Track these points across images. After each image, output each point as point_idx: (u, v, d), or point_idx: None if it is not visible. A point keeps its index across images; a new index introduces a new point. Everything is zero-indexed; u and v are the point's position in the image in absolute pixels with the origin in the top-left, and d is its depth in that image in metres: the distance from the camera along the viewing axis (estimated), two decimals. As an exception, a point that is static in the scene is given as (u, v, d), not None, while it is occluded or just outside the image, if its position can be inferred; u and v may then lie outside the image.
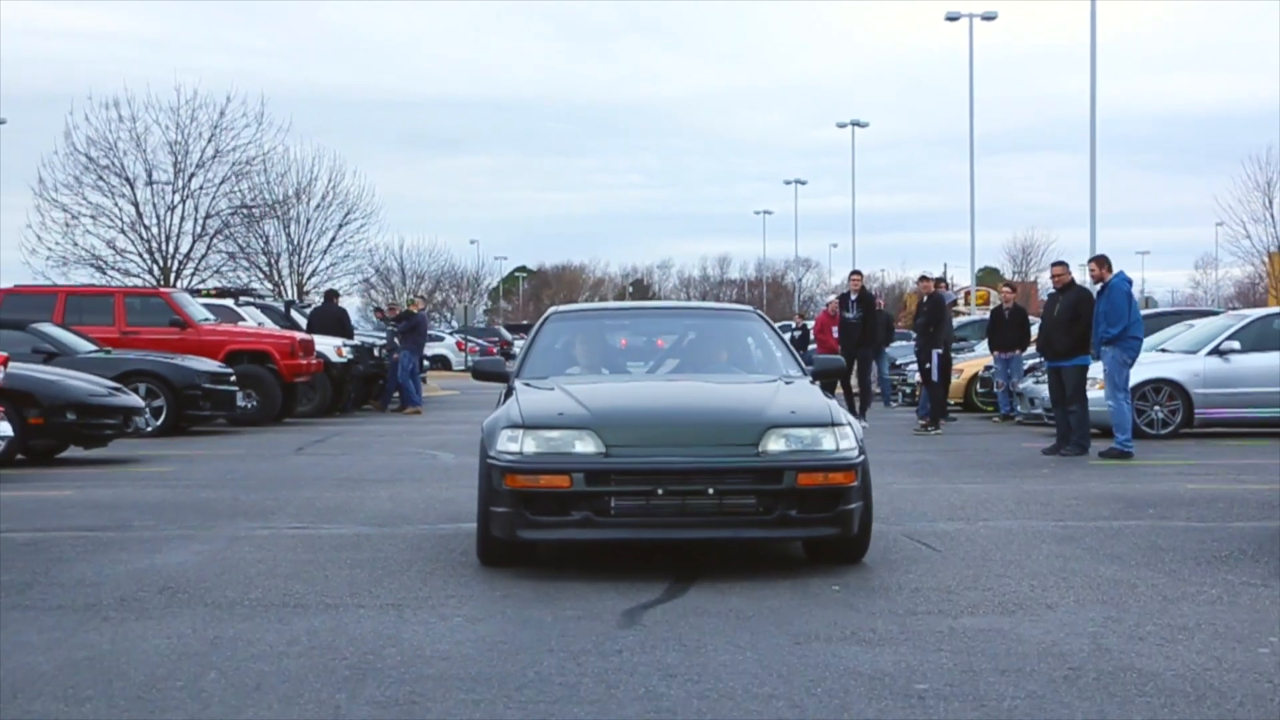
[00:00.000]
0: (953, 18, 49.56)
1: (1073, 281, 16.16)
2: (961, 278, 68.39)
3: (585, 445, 7.43)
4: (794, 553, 8.32)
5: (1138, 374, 17.35)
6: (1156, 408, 17.73)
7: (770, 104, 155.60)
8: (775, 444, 7.47)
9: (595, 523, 7.35)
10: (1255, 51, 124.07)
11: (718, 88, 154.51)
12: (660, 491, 7.32)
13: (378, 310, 42.53)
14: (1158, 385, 17.76)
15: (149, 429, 17.17)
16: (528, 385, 8.45)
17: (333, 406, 24.67)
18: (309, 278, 45.41)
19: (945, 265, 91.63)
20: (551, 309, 10.12)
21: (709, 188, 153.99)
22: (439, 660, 5.64)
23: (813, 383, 8.69)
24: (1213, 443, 16.91)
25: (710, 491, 7.34)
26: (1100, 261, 15.38)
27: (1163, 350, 18.67)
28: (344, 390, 25.24)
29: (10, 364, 14.43)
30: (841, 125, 69.80)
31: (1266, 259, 53.26)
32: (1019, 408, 20.58)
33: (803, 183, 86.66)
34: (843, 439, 7.57)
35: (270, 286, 41.92)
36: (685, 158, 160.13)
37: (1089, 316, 15.24)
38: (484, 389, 40.08)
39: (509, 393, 8.49)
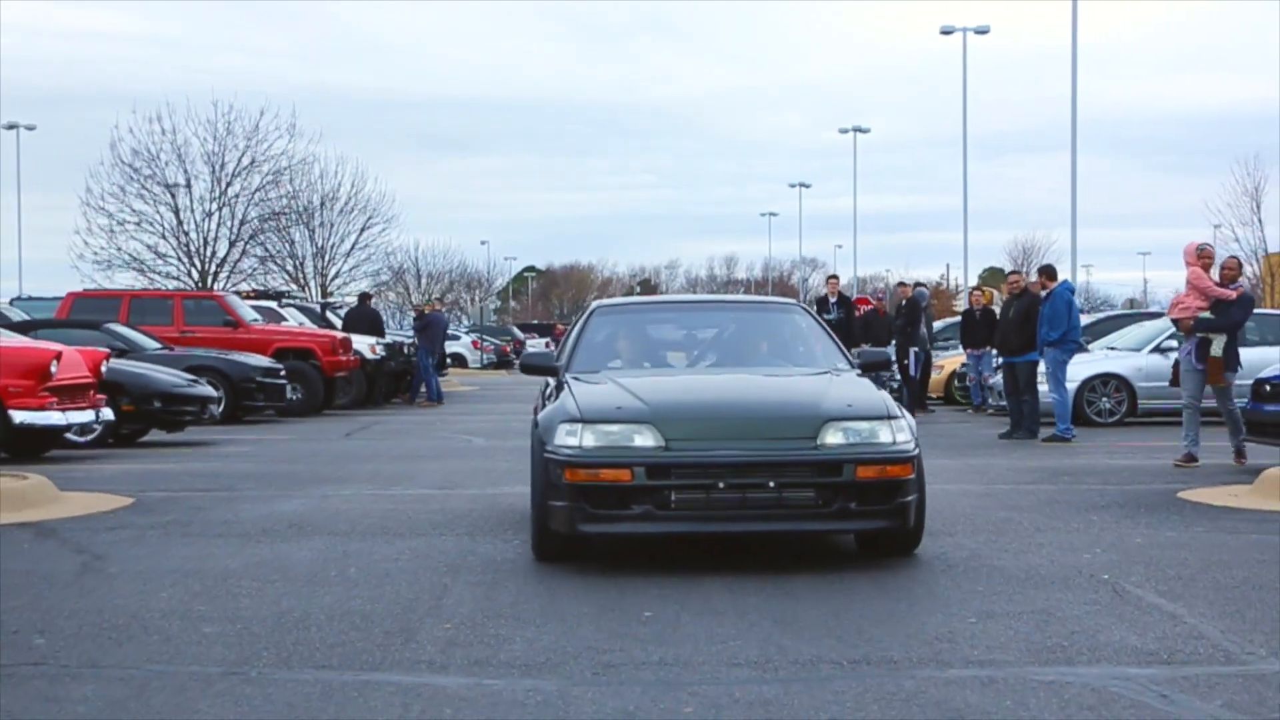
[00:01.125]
0: (947, 31, 51.93)
1: (1026, 288, 18.54)
2: (961, 278, 70.44)
3: (645, 439, 7.49)
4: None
5: (1088, 369, 19.86)
6: (1104, 399, 20.07)
7: (784, 105, 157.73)
8: (833, 437, 7.54)
9: (656, 516, 7.41)
10: (1264, 52, 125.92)
11: (731, 89, 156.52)
12: (721, 485, 7.40)
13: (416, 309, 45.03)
14: (1105, 379, 20.11)
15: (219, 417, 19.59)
16: (578, 379, 8.47)
17: (366, 399, 27.06)
18: (332, 279, 47.85)
19: (948, 266, 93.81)
20: (596, 303, 10.23)
21: (720, 189, 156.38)
22: (509, 564, 8.01)
23: (861, 375, 8.74)
24: (1151, 430, 19.24)
25: (770, 485, 7.41)
26: (1045, 272, 17.80)
27: (1111, 348, 21.06)
28: (377, 385, 27.65)
29: (105, 359, 16.80)
30: (844, 131, 72.21)
31: (1259, 260, 55.44)
32: (990, 400, 22.90)
33: (807, 186, 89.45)
34: (899, 431, 7.65)
35: (296, 288, 44.32)
36: (697, 159, 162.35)
37: (1034, 321, 17.63)
38: (500, 384, 42.55)
39: (559, 387, 8.47)
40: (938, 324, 29.18)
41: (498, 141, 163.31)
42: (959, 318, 26.92)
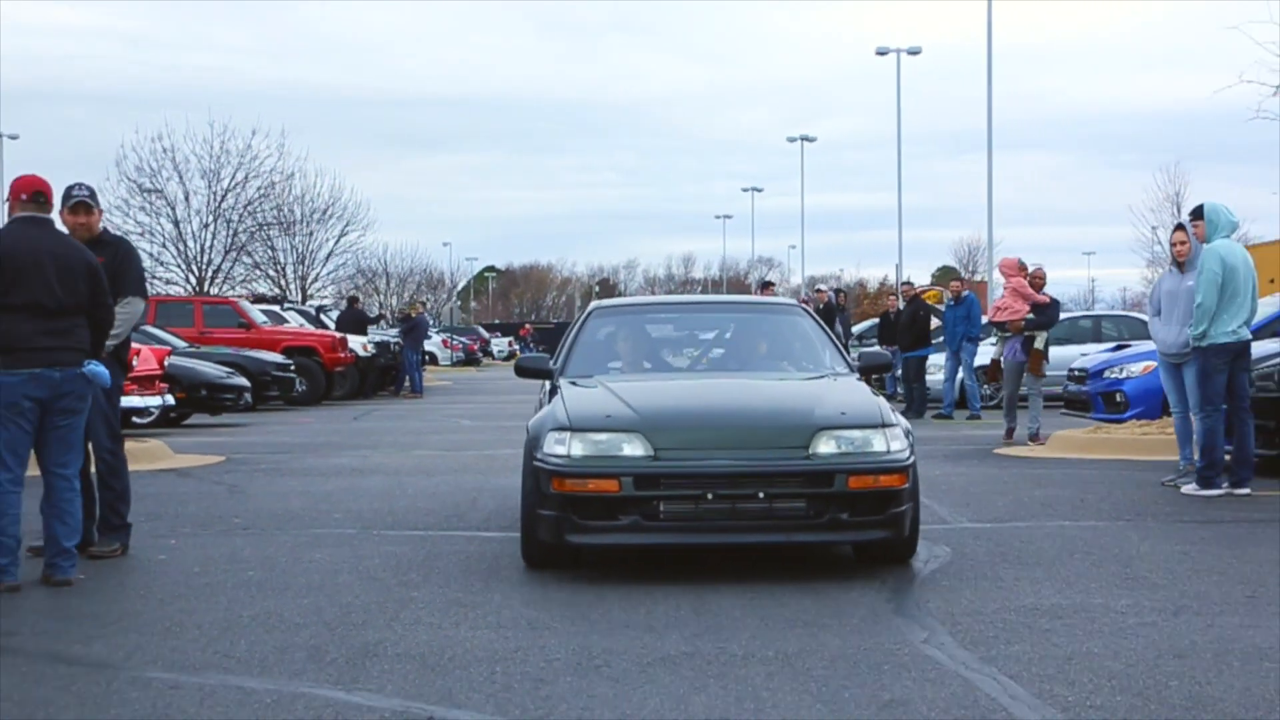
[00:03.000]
0: (882, 52, 55.85)
1: (916, 295, 22.69)
2: (900, 274, 74.22)
3: (634, 448, 7.35)
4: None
5: (977, 360, 23.97)
6: (986, 386, 24.16)
7: (749, 103, 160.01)
8: (826, 446, 7.37)
9: (644, 527, 7.28)
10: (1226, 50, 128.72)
11: (700, 86, 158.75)
12: (710, 496, 7.26)
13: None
14: (976, 371, 24.24)
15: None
16: (572, 384, 8.40)
17: (359, 391, 30.91)
18: (312, 283, 51.59)
19: (896, 266, 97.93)
20: (593, 303, 10.16)
21: (683, 186, 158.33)
22: (515, 490, 11.98)
23: (860, 379, 8.64)
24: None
25: (760, 495, 7.26)
26: (960, 280, 22.07)
27: (991, 343, 25.18)
28: (368, 378, 31.52)
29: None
30: (792, 139, 76.16)
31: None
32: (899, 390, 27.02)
33: (759, 190, 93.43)
34: (893, 440, 7.47)
35: (278, 291, 48.09)
36: (664, 156, 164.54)
37: (925, 321, 21.81)
38: (471, 379, 46.80)
39: (553, 391, 8.42)
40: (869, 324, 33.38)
41: (464, 139, 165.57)
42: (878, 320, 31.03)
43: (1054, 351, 18.08)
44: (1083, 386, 16.94)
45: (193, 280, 41.97)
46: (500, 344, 73.83)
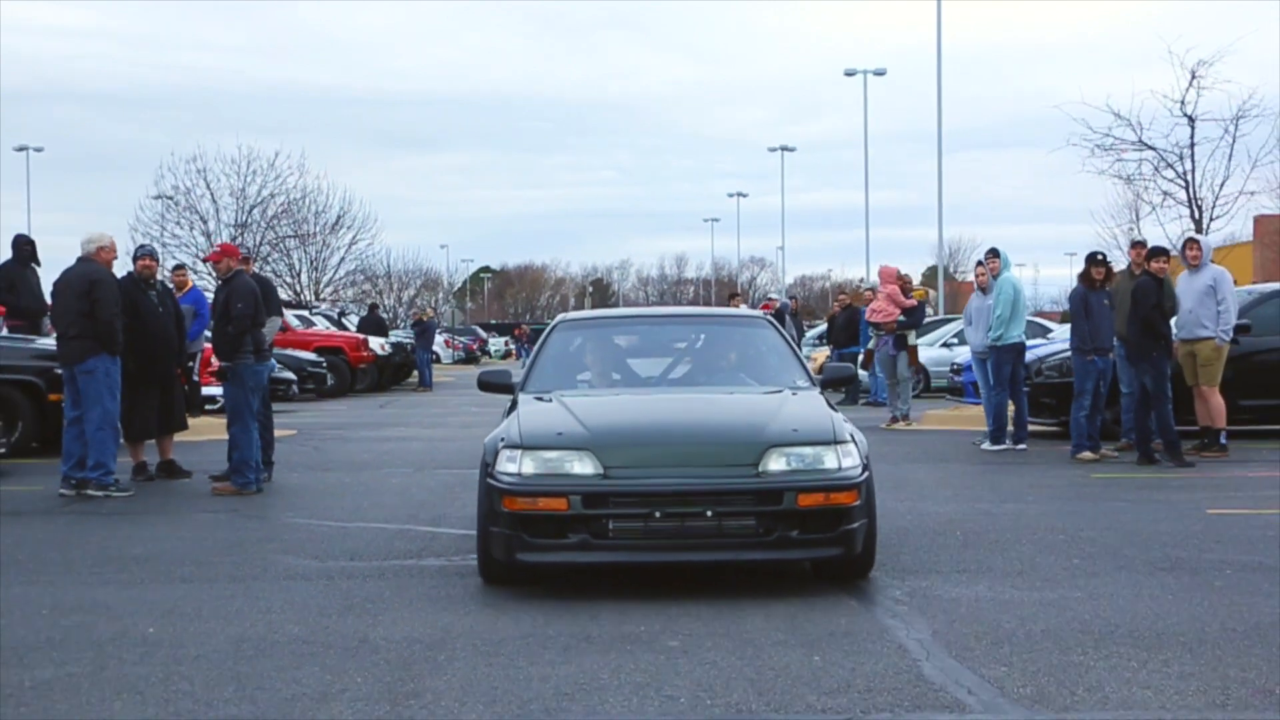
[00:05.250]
0: (850, 73, 60.33)
1: (850, 304, 27.40)
2: (869, 274, 78.42)
3: (584, 466, 7.31)
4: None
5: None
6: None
7: (746, 101, 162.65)
8: (776, 463, 7.33)
9: (593, 545, 7.24)
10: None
11: (694, 85, 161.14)
12: (658, 514, 7.20)
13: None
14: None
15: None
16: (531, 399, 8.42)
17: (378, 385, 35.61)
18: (325, 287, 56.28)
19: (885, 266, 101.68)
20: (559, 316, 10.19)
21: (678, 185, 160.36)
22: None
23: (820, 392, 8.63)
24: (930, 400, 28.03)
25: (709, 514, 7.21)
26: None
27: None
28: (385, 374, 36.24)
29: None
30: (772, 149, 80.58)
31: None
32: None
33: (744, 195, 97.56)
34: (845, 456, 7.43)
35: (293, 296, 52.78)
36: (657, 155, 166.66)
37: (857, 324, 26.51)
38: (473, 375, 51.16)
39: (513, 405, 8.46)
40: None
41: (459, 138, 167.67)
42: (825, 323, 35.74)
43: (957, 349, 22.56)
44: (958, 377, 21.64)
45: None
46: (497, 343, 78.49)
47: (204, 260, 13.14)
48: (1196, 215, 32.56)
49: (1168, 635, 6.46)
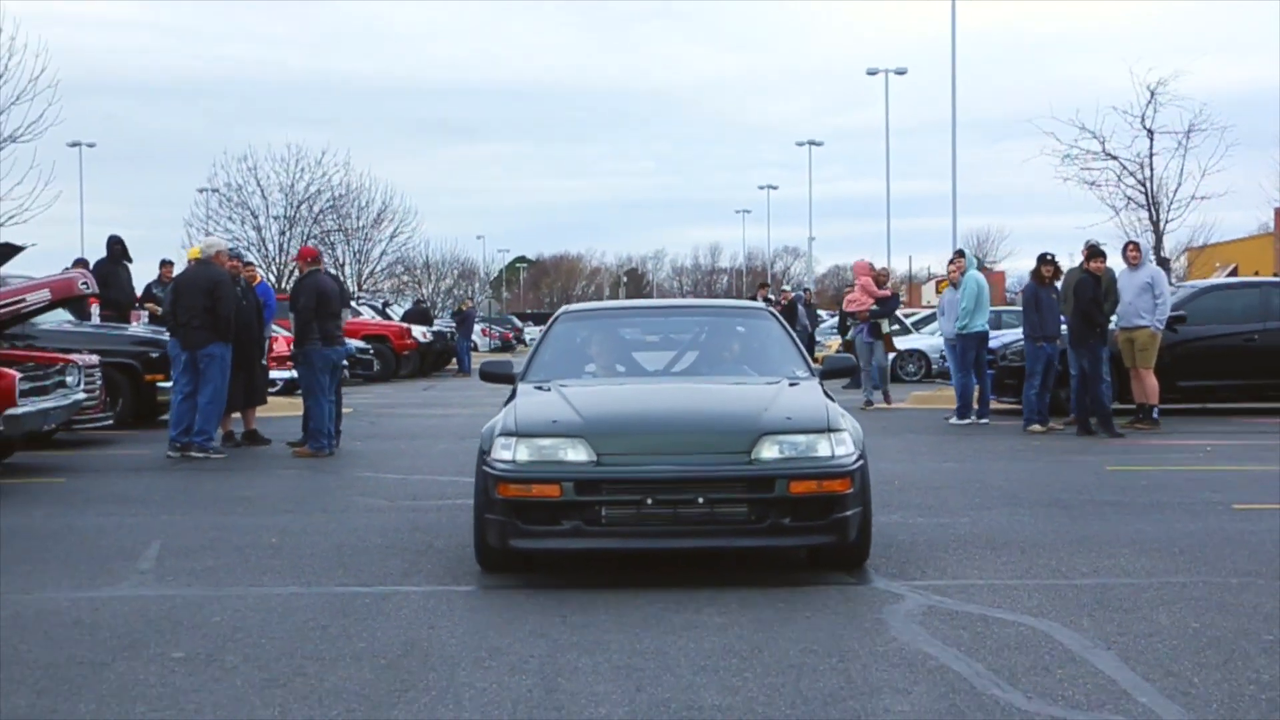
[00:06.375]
0: (872, 72, 62.56)
1: (794, 301, 29.71)
2: (933, 267, 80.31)
3: (577, 454, 7.43)
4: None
5: (901, 345, 31.00)
6: (910, 365, 31.22)
7: (787, 90, 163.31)
8: (768, 451, 7.42)
9: (586, 532, 7.37)
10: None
11: (735, 74, 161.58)
12: (650, 501, 7.30)
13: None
14: (911, 353, 31.26)
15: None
16: (531, 389, 8.58)
17: (420, 371, 38.16)
18: (366, 278, 58.91)
19: (910, 257, 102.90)
20: (562, 308, 10.29)
21: (718, 175, 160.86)
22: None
23: (820, 383, 8.73)
24: (931, 384, 30.36)
25: (701, 501, 7.30)
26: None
27: (920, 333, 32.29)
28: (427, 360, 38.80)
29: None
30: (800, 144, 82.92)
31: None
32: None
33: (774, 188, 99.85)
34: (839, 445, 7.52)
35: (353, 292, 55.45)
36: (697, 145, 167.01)
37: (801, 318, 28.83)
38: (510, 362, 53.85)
39: (512, 395, 8.61)
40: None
41: (500, 129, 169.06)
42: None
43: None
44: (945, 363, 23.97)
45: (272, 278, 49.25)
46: (532, 332, 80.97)
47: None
48: (1155, 218, 35.20)
49: (1014, 542, 8.87)
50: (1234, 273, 56.91)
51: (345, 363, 16.31)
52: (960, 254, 18.67)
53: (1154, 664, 5.84)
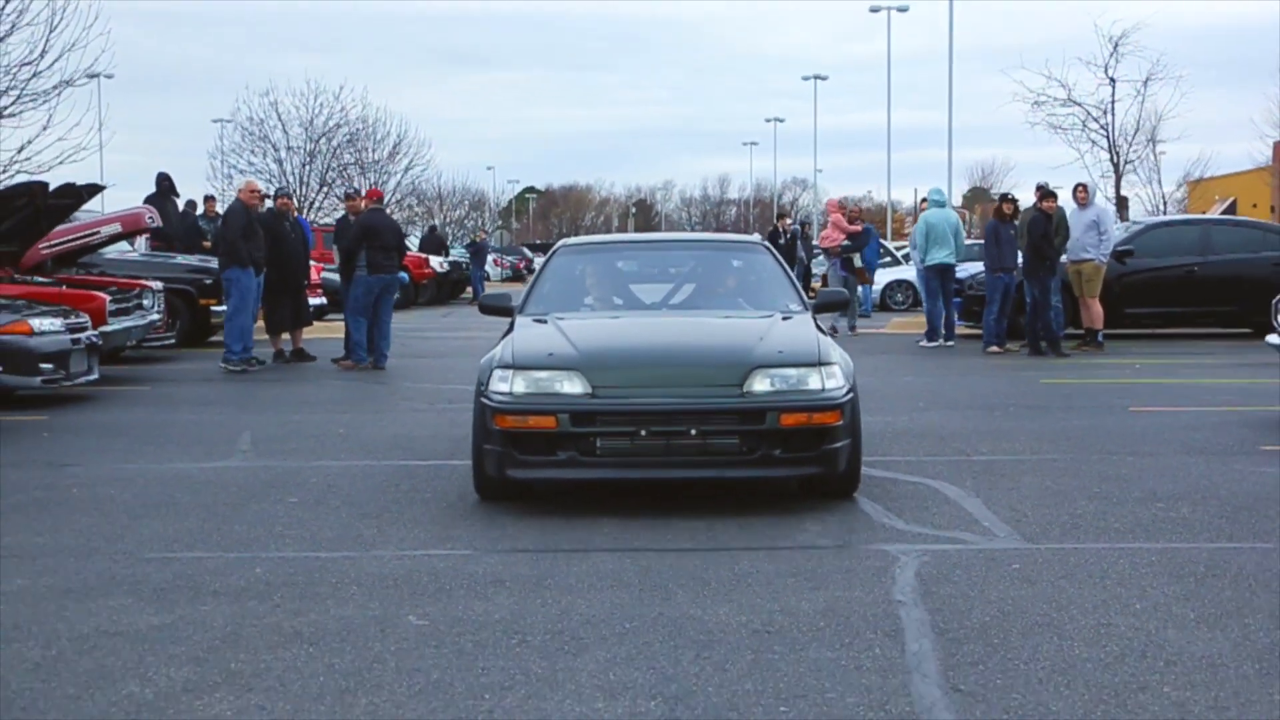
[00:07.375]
0: (875, 10, 64.09)
1: (793, 234, 31.70)
2: (890, 197, 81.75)
3: (572, 386, 7.60)
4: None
5: (889, 276, 33.11)
6: (899, 295, 33.27)
7: (804, 17, 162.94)
8: (760, 384, 7.60)
9: (580, 462, 7.54)
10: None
11: (746, 3, 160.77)
12: (644, 433, 7.47)
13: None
14: (899, 283, 33.31)
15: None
16: (529, 321, 8.77)
17: (436, 299, 40.33)
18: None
19: (915, 190, 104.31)
20: (560, 242, 10.39)
21: (731, 105, 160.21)
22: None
23: (812, 316, 8.87)
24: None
25: (693, 432, 7.47)
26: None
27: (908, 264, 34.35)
28: (443, 289, 40.97)
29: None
30: (806, 78, 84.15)
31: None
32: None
33: (781, 120, 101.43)
34: (829, 378, 7.72)
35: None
36: (711, 75, 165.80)
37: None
38: (520, 291, 56.01)
39: (510, 327, 8.76)
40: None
41: (513, 56, 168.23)
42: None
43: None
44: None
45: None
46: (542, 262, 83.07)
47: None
48: (1115, 160, 37.66)
49: (935, 433, 11.03)
50: (1232, 205, 58.79)
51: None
52: (925, 198, 20.80)
53: (1005, 507, 8.01)
